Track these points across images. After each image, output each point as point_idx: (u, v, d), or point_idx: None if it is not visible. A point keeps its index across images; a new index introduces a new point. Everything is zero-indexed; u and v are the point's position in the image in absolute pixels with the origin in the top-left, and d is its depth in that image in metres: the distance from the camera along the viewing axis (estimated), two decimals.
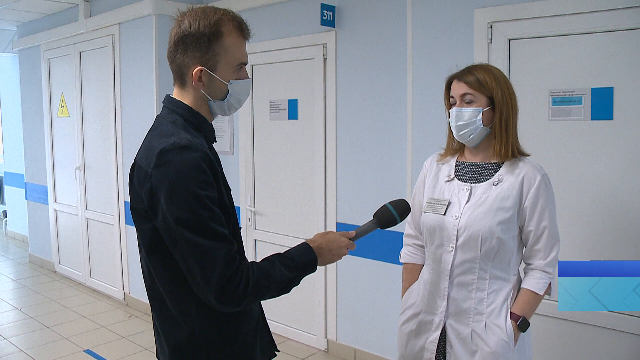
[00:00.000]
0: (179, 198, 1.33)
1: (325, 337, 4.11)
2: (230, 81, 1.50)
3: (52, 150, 6.23)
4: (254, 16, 4.33)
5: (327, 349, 4.10)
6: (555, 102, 2.78)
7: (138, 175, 1.44)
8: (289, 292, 1.48)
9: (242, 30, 1.50)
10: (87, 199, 5.71)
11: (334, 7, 3.78)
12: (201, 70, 1.46)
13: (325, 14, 3.75)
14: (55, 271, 6.37)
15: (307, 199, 4.13)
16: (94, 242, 5.68)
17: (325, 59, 3.90)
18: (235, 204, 4.80)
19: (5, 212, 8.59)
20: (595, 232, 2.70)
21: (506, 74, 2.89)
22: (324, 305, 4.09)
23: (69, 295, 5.58)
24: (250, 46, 4.74)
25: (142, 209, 1.42)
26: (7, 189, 8.19)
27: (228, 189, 1.53)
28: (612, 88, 2.62)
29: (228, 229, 1.42)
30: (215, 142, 1.62)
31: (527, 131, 2.85)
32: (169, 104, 1.54)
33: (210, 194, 1.37)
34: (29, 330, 4.64)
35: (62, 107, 5.93)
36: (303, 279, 1.54)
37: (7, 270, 6.56)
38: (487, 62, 2.93)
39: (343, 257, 1.61)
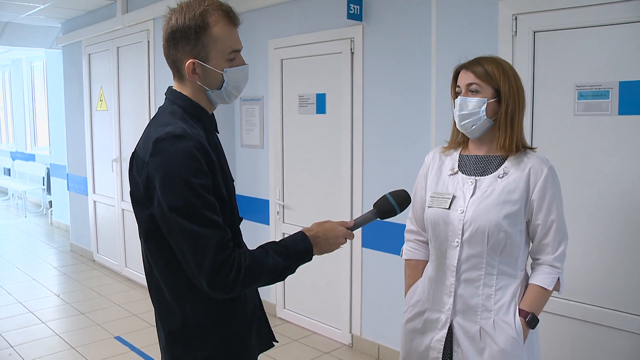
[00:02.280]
0: (173, 185, 1.36)
1: (350, 332, 4.11)
2: (225, 69, 1.52)
3: (92, 143, 6.43)
4: (282, 11, 4.36)
5: (352, 343, 4.10)
6: (581, 96, 2.69)
7: (137, 164, 1.47)
8: (283, 280, 1.49)
9: (229, 17, 1.50)
10: (123, 191, 5.87)
11: (360, 0, 3.76)
12: (194, 63, 1.49)
13: (352, 7, 3.74)
14: (94, 260, 6.59)
15: (335, 193, 4.13)
16: (130, 232, 5.83)
17: (352, 53, 3.89)
18: (264, 197, 4.86)
19: (50, 202, 8.92)
20: (621, 229, 2.61)
21: (531, 67, 2.83)
22: (349, 300, 4.09)
23: (105, 284, 5.76)
24: (278, 41, 4.78)
25: (140, 196, 1.46)
26: (53, 180, 8.50)
27: (228, 179, 1.55)
28: None
29: (224, 218, 1.44)
30: (218, 132, 1.64)
31: (551, 126, 2.78)
32: (170, 95, 1.58)
33: (204, 182, 1.39)
34: (65, 316, 4.82)
35: (101, 100, 6.11)
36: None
37: (50, 258, 6.82)
38: (511, 56, 2.87)
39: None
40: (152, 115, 5.06)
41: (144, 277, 1.41)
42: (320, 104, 4.20)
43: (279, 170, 4.56)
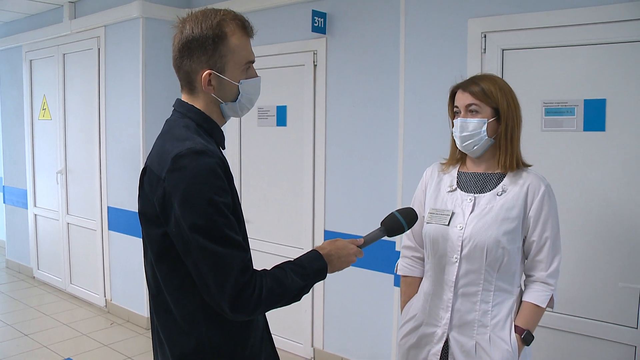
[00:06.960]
0: (195, 204, 1.30)
1: (312, 346, 4.08)
2: (241, 81, 1.48)
3: (33, 153, 6.10)
4: None
5: (314, 357, 4.07)
6: (548, 112, 2.80)
7: (150, 180, 1.40)
8: (299, 300, 1.46)
9: (245, 28, 1.48)
10: (68, 204, 5.60)
11: (325, 13, 3.77)
12: (210, 74, 1.44)
13: (316, 20, 3.75)
14: (34, 277, 6.23)
15: (295, 207, 4.10)
16: (75, 247, 5.56)
17: (315, 66, 3.90)
18: None
19: None
20: (588, 242, 2.72)
21: None
22: (311, 313, 4.06)
23: (48, 302, 5.45)
24: None
25: (153, 214, 1.39)
26: None
27: (237, 196, 1.51)
28: (605, 100, 2.65)
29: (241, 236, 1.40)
30: (224, 148, 1.59)
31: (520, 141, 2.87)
32: (181, 107, 1.51)
33: (226, 201, 1.34)
34: (7, 339, 4.51)
35: (44, 109, 5.82)
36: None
37: None
38: (480, 72, 2.94)
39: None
40: (103, 126, 4.91)
41: (91, 293, 1.33)
42: (281, 116, 4.17)
43: (236, 183, 4.47)
